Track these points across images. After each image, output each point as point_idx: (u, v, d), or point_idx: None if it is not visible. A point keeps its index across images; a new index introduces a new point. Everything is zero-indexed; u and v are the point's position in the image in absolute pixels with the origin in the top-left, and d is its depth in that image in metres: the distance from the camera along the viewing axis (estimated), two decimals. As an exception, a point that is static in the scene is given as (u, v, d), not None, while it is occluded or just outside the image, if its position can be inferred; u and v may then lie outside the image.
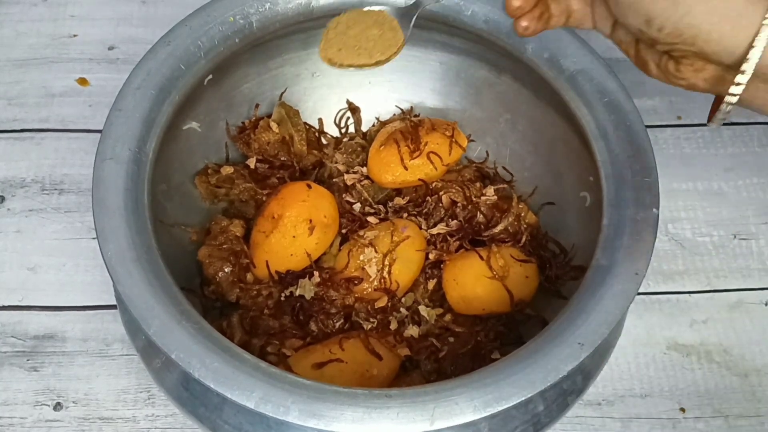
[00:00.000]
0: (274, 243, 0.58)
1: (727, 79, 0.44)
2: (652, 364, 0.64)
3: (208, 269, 0.58)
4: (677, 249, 0.69)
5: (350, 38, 0.50)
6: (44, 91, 0.75)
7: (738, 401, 0.62)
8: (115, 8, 0.80)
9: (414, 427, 0.42)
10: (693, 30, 0.42)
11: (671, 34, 0.43)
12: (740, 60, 0.42)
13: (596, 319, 0.46)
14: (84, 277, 0.66)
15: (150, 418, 0.60)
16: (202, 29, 0.55)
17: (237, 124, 0.64)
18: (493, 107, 0.65)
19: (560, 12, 0.50)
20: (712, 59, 0.43)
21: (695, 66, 0.45)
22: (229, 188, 0.62)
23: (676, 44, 0.43)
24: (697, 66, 0.44)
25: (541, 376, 0.44)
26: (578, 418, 0.61)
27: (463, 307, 0.59)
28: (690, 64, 0.45)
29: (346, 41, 0.50)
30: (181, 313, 0.45)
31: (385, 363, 0.55)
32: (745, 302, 0.67)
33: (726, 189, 0.72)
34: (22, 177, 0.70)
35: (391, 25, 0.51)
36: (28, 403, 0.60)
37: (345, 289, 0.58)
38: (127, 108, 0.51)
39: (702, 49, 0.43)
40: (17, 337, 0.63)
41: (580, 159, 0.57)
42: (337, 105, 0.68)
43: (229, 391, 0.42)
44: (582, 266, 0.53)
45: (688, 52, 0.44)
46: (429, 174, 0.62)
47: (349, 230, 0.61)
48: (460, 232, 0.61)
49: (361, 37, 0.50)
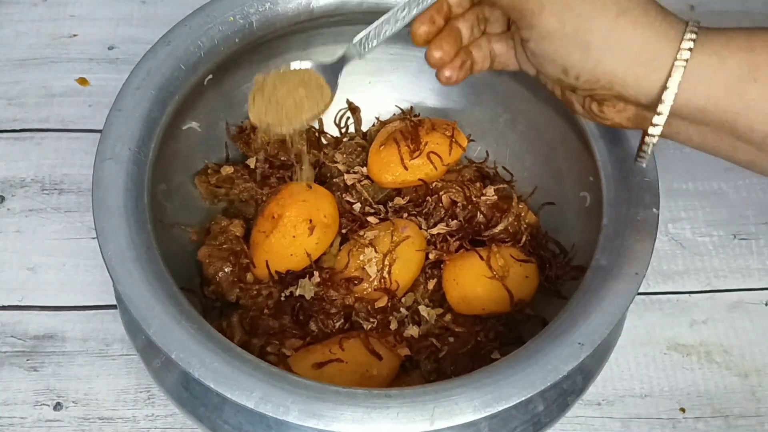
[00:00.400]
0: (274, 243, 0.58)
1: (648, 118, 0.45)
2: (652, 364, 0.64)
3: (208, 269, 0.58)
4: (677, 249, 0.69)
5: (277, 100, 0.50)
6: (44, 91, 0.75)
7: (738, 401, 0.62)
8: (115, 8, 0.80)
9: (414, 427, 0.42)
10: (608, 76, 0.43)
11: (588, 81, 0.44)
12: (657, 100, 0.43)
13: (596, 319, 0.46)
14: (84, 277, 0.66)
15: (150, 418, 0.60)
16: (202, 29, 0.55)
17: (237, 124, 0.64)
18: (493, 107, 0.65)
19: (483, 58, 0.49)
20: (631, 101, 0.44)
21: (617, 107, 0.45)
22: (229, 188, 0.62)
23: (595, 89, 0.44)
24: (618, 107, 0.45)
25: (541, 376, 0.44)
26: (578, 418, 0.61)
27: (463, 307, 0.59)
28: (612, 106, 0.45)
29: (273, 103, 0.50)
30: (181, 313, 0.45)
31: (385, 363, 0.55)
32: (745, 302, 0.67)
33: (726, 189, 0.72)
34: (22, 177, 0.70)
35: (317, 83, 0.51)
36: (28, 403, 0.60)
37: (345, 289, 0.58)
38: (127, 108, 0.51)
39: (620, 93, 0.44)
40: (17, 337, 0.63)
41: (580, 159, 0.57)
42: (337, 105, 0.68)
43: (229, 391, 0.42)
44: (582, 266, 0.53)
45: (608, 95, 0.44)
46: (429, 174, 0.62)
47: (349, 230, 0.61)
48: (460, 232, 0.61)
49: (288, 98, 0.50)
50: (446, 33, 0.48)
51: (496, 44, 0.49)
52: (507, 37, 0.49)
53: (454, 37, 0.48)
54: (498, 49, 0.49)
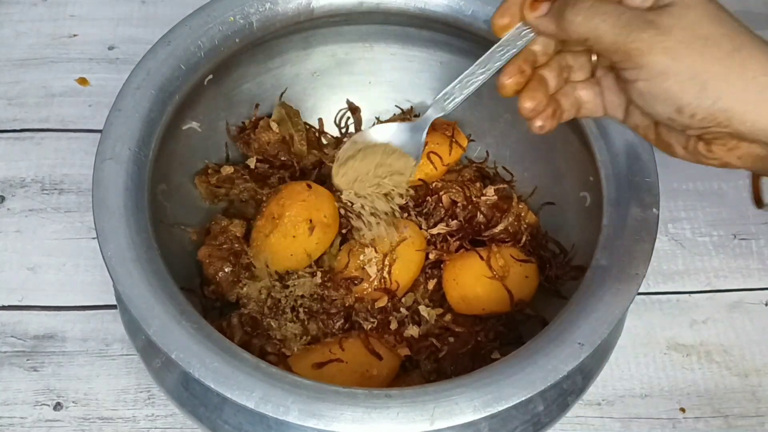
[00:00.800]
0: (274, 243, 0.58)
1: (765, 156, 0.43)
2: (652, 364, 0.64)
3: (208, 269, 0.58)
4: (677, 249, 0.69)
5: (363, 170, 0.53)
6: (44, 91, 0.75)
7: (738, 401, 0.62)
8: (115, 8, 0.80)
9: (414, 427, 0.42)
10: (727, 114, 0.41)
11: (705, 120, 0.42)
12: None
13: (596, 319, 0.46)
14: (84, 277, 0.66)
15: (150, 418, 0.60)
16: (202, 29, 0.55)
17: (237, 124, 0.64)
18: (493, 107, 0.65)
19: (570, 105, 0.48)
20: (747, 138, 0.42)
21: (729, 145, 0.43)
22: (229, 188, 0.62)
23: (710, 128, 0.42)
24: (730, 145, 0.43)
25: (541, 376, 0.44)
26: (578, 418, 0.61)
27: (463, 307, 0.59)
28: (723, 144, 0.43)
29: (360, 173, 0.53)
30: (181, 313, 0.45)
31: (385, 363, 0.55)
32: (745, 302, 0.67)
33: (726, 189, 0.72)
34: (22, 177, 0.70)
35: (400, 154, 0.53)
36: (28, 403, 0.60)
37: (345, 289, 0.58)
38: (127, 108, 0.51)
39: (737, 130, 0.41)
40: (17, 337, 0.63)
41: (580, 159, 0.57)
42: (337, 105, 0.68)
43: (229, 391, 0.42)
44: (582, 266, 0.53)
45: (722, 133, 0.42)
46: (429, 174, 0.62)
47: (349, 230, 0.61)
48: (460, 232, 0.61)
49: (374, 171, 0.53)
50: (536, 82, 0.46)
51: (582, 91, 0.48)
52: (592, 83, 0.48)
53: (543, 86, 0.47)
54: (584, 96, 0.48)
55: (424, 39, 0.63)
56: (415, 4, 0.58)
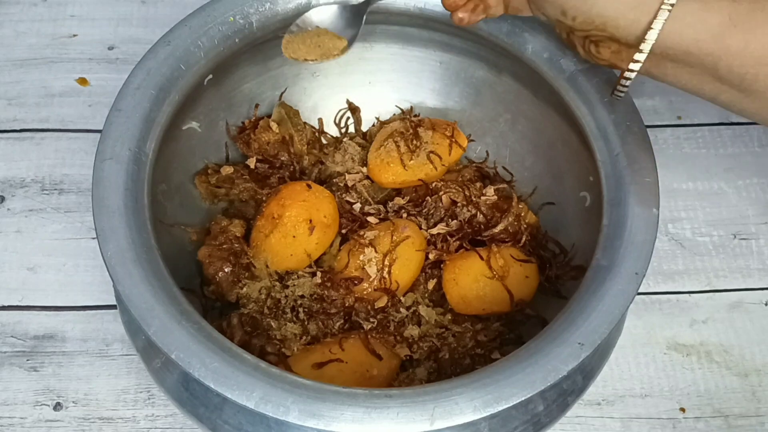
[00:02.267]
0: (274, 243, 0.58)
1: None
2: (652, 364, 0.64)
3: (208, 269, 0.58)
4: (677, 249, 0.69)
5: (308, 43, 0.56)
6: (44, 91, 0.75)
7: (738, 401, 0.62)
8: (115, 8, 0.80)
9: (414, 427, 0.42)
10: (602, 18, 0.47)
11: (584, 22, 0.48)
12: (641, 40, 0.47)
13: (596, 319, 0.46)
14: (84, 277, 0.66)
15: (150, 418, 0.60)
16: (202, 29, 0.55)
17: (237, 124, 0.64)
18: (493, 107, 0.65)
19: (497, 2, 0.53)
20: (622, 42, 0.48)
21: (612, 48, 0.49)
22: (229, 188, 0.62)
23: (590, 31, 0.48)
24: (613, 48, 0.49)
25: (541, 376, 0.44)
26: (578, 418, 0.61)
27: (463, 307, 0.59)
28: (607, 47, 0.49)
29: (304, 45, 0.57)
30: (181, 313, 0.45)
31: (385, 363, 0.55)
32: (745, 302, 0.67)
33: (726, 189, 0.72)
34: (22, 177, 0.70)
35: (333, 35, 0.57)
36: (28, 403, 0.60)
37: (345, 289, 0.58)
38: (127, 108, 0.51)
39: (613, 34, 0.48)
40: (17, 337, 0.63)
41: (580, 159, 0.57)
42: (337, 105, 0.68)
43: (229, 391, 0.43)
44: (582, 266, 0.53)
45: (602, 36, 0.48)
46: (429, 174, 0.62)
47: (349, 230, 0.61)
48: (460, 232, 0.61)
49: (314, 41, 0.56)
50: None
51: None
52: None
53: None
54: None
55: (424, 39, 0.63)
56: (415, 4, 0.58)
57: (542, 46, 0.56)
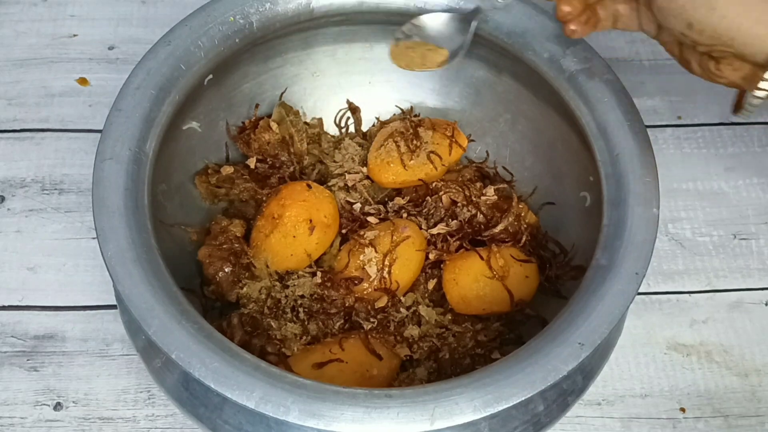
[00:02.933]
0: (274, 243, 0.58)
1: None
2: (652, 364, 0.64)
3: (208, 269, 0.58)
4: (677, 249, 0.69)
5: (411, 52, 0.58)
6: (44, 91, 0.75)
7: (738, 401, 0.62)
8: (115, 8, 0.80)
9: (414, 427, 0.42)
10: (730, 33, 0.45)
11: (711, 37, 0.46)
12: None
13: (596, 319, 0.46)
14: (84, 277, 0.66)
15: (150, 418, 0.60)
16: (202, 29, 0.55)
17: (237, 124, 0.64)
18: (493, 107, 0.65)
19: (607, 16, 0.52)
20: (749, 59, 0.46)
21: (734, 65, 0.47)
22: (229, 188, 0.62)
23: (715, 46, 0.46)
24: (735, 65, 0.47)
25: (541, 376, 0.44)
26: (578, 418, 0.61)
27: (463, 307, 0.59)
28: (729, 64, 0.47)
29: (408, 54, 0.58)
30: (181, 313, 0.45)
31: (385, 363, 0.55)
32: (745, 302, 0.67)
33: (726, 189, 0.72)
34: (22, 177, 0.70)
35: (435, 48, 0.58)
36: (28, 403, 0.60)
37: (345, 289, 0.58)
38: (127, 108, 0.51)
39: (740, 51, 0.46)
40: (17, 337, 0.63)
41: (580, 159, 0.57)
42: (337, 105, 0.68)
43: (229, 391, 0.43)
44: (582, 266, 0.53)
45: (727, 53, 0.46)
46: (429, 174, 0.62)
47: (349, 230, 0.61)
48: (460, 232, 0.61)
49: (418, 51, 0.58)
50: None
51: (621, 5, 0.52)
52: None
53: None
54: (622, 9, 0.52)
55: (424, 39, 0.63)
56: (415, 4, 0.58)
57: (542, 46, 0.56)
